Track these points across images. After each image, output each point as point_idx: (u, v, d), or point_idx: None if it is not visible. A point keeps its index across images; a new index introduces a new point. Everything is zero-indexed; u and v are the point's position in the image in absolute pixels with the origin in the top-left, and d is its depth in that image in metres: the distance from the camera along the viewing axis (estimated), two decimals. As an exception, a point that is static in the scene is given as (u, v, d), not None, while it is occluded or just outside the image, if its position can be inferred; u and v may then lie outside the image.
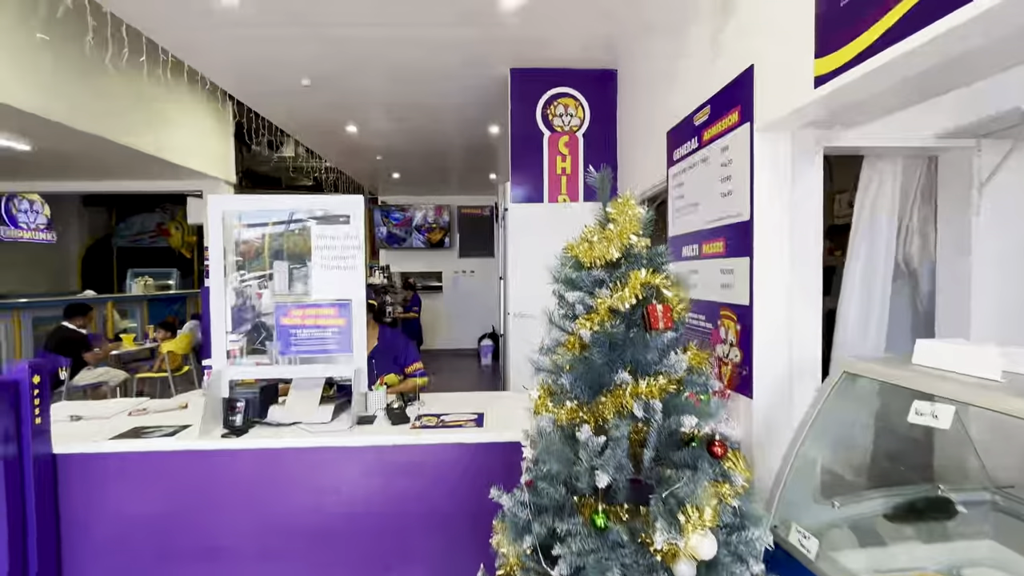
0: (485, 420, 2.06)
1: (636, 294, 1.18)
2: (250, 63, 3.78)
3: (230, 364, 2.05)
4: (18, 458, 1.74)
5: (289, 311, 2.06)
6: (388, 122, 5.25)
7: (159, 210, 13.00)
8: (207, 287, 6.21)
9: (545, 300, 3.86)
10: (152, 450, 1.84)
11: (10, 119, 4.10)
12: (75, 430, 1.99)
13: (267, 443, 1.86)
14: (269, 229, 2.09)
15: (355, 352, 2.08)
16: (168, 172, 6.28)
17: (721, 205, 2.07)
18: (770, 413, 1.82)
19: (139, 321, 8.80)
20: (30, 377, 1.73)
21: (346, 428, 1.94)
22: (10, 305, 6.72)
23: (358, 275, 2.08)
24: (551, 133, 3.79)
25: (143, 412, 2.24)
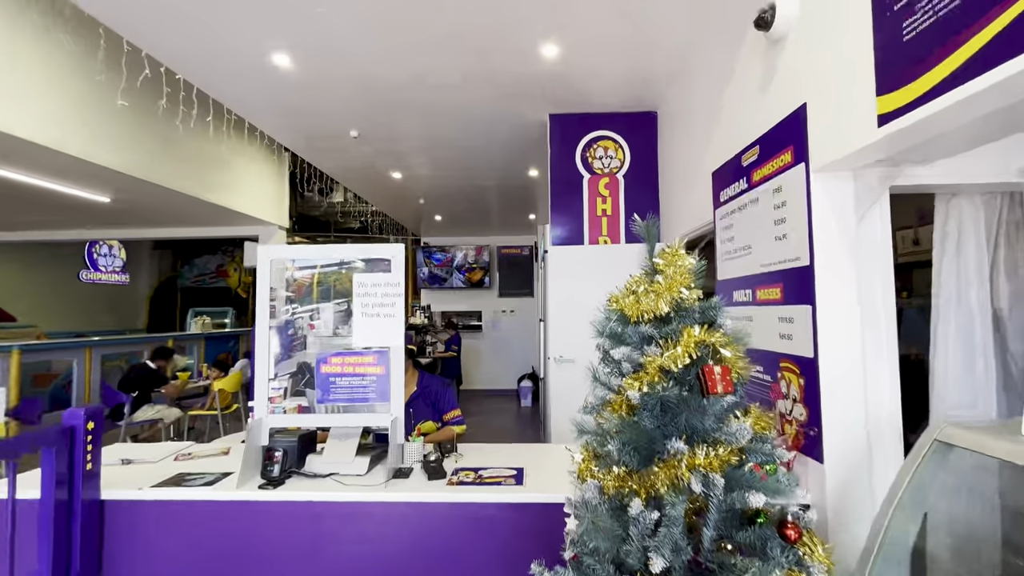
0: (525, 477, 1.95)
1: (690, 353, 1.08)
2: (302, 118, 4.02)
3: (271, 412, 2.05)
4: (68, 501, 1.77)
5: (329, 359, 2.07)
6: (430, 168, 5.43)
7: (220, 252, 13.86)
8: (258, 327, 6.35)
9: (587, 345, 3.72)
10: (192, 499, 1.84)
11: (94, 175, 4.52)
12: (123, 475, 2.03)
13: (302, 495, 1.82)
14: (318, 270, 2.14)
15: (393, 401, 2.04)
16: (229, 219, 6.72)
17: (776, 249, 1.94)
18: (846, 479, 1.61)
19: (195, 358, 9.23)
20: (85, 423, 1.79)
21: (381, 483, 1.88)
22: (84, 343, 7.22)
23: (398, 323, 2.07)
24: (591, 175, 3.78)
25: (188, 457, 2.27)
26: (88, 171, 4.36)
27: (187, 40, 2.85)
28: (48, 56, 3.62)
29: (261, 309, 2.09)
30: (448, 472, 1.99)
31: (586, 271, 3.62)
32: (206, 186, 5.59)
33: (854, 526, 1.60)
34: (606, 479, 1.20)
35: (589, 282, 3.60)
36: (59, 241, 8.67)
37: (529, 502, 1.79)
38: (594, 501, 1.12)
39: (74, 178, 4.72)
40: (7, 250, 9.81)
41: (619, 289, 1.36)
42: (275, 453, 1.89)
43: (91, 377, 7.01)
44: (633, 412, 1.16)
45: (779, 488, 1.03)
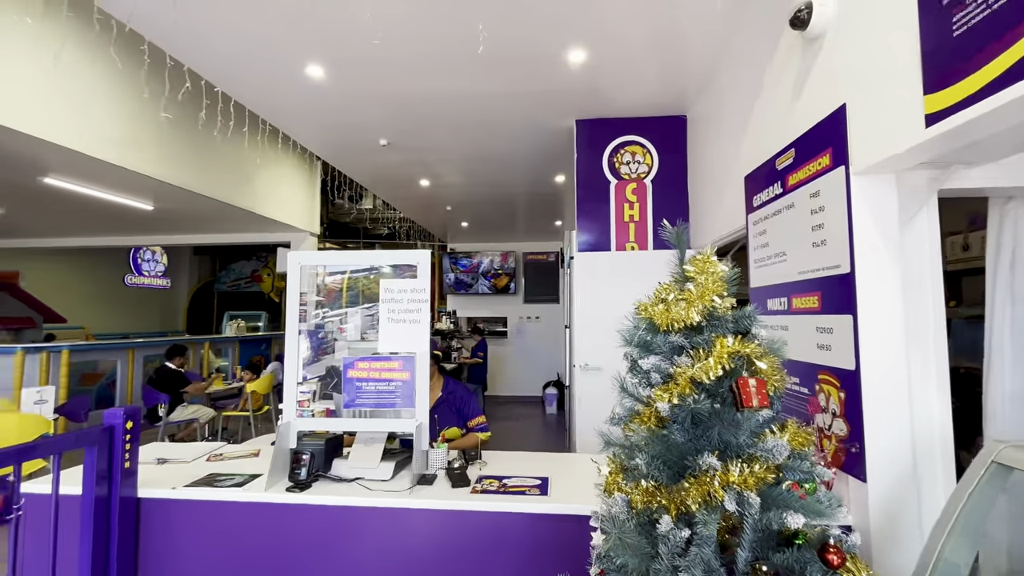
0: (550, 487, 1.92)
1: (723, 364, 1.04)
2: (334, 128, 4.12)
3: (299, 415, 2.09)
4: (107, 498, 1.84)
5: (356, 364, 2.09)
6: (457, 175, 5.48)
7: (254, 258, 14.32)
8: (289, 331, 6.47)
9: (614, 353, 3.64)
10: (222, 500, 1.88)
11: (140, 185, 4.74)
12: (159, 474, 2.09)
13: (328, 500, 1.83)
14: (348, 275, 2.17)
15: (418, 407, 2.04)
16: (264, 225, 6.93)
17: (813, 256, 1.86)
18: (891, 500, 1.52)
19: (230, 360, 9.53)
20: (124, 423, 1.85)
21: (406, 489, 1.88)
22: (127, 344, 7.55)
23: (423, 329, 2.07)
24: (618, 181, 3.73)
25: (220, 457, 2.33)
26: (134, 181, 4.58)
27: (226, 54, 2.97)
28: (101, 76, 3.82)
29: (291, 313, 2.13)
30: (472, 480, 1.97)
31: (613, 278, 3.57)
32: (242, 194, 5.79)
33: (900, 552, 1.51)
34: (633, 493, 1.16)
35: (616, 289, 3.55)
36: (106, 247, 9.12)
37: (554, 513, 1.76)
38: (621, 516, 1.08)
39: (121, 188, 4.96)
40: (59, 255, 10.39)
41: (648, 297, 1.32)
42: (302, 456, 1.92)
43: (133, 377, 7.32)
44: (662, 424, 1.12)
45: (820, 509, 0.97)
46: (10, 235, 7.82)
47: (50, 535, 1.65)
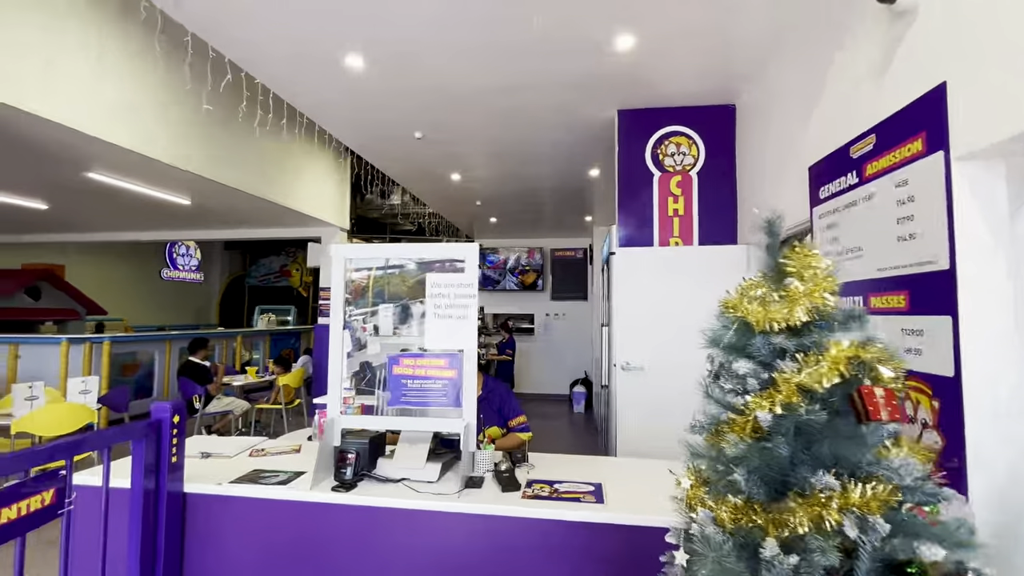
0: (604, 493, 1.81)
1: (840, 370, 0.91)
2: (369, 120, 4.08)
3: (342, 412, 2.03)
4: (155, 491, 1.81)
5: (401, 360, 2.02)
6: (489, 169, 5.39)
7: (283, 253, 14.55)
8: (320, 324, 6.64)
9: (657, 351, 3.56)
10: (267, 497, 1.84)
11: (178, 179, 4.80)
12: (203, 468, 2.07)
13: (375, 501, 1.77)
14: (373, 271, 2.10)
15: (465, 406, 1.96)
16: (295, 220, 6.98)
17: (899, 251, 1.70)
18: (1003, 525, 1.36)
19: (261, 353, 9.70)
20: (171, 417, 1.82)
21: (454, 492, 1.80)
22: (164, 336, 7.73)
23: (470, 325, 1.99)
24: (661, 173, 3.58)
25: (262, 453, 2.30)
26: (174, 176, 4.64)
27: (267, 44, 2.94)
28: (146, 70, 3.86)
29: (335, 307, 2.07)
30: (522, 484, 1.88)
31: (656, 274, 3.43)
32: (276, 189, 5.82)
33: (1012, 580, 1.35)
34: (720, 510, 1.05)
35: (659, 286, 3.41)
36: (143, 241, 9.37)
37: (612, 523, 1.65)
38: (717, 537, 0.97)
39: (161, 183, 5.04)
40: (100, 249, 10.73)
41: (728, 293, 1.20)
42: (348, 455, 1.86)
43: (170, 368, 7.50)
44: (759, 435, 1.00)
45: (959, 538, 0.84)
46: (55, 230, 8.09)
47: (100, 528, 1.63)
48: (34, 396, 4.08)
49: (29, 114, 3.11)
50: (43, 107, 3.17)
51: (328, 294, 7.59)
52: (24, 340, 6.77)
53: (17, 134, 3.57)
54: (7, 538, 1.32)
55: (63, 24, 3.23)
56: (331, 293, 2.09)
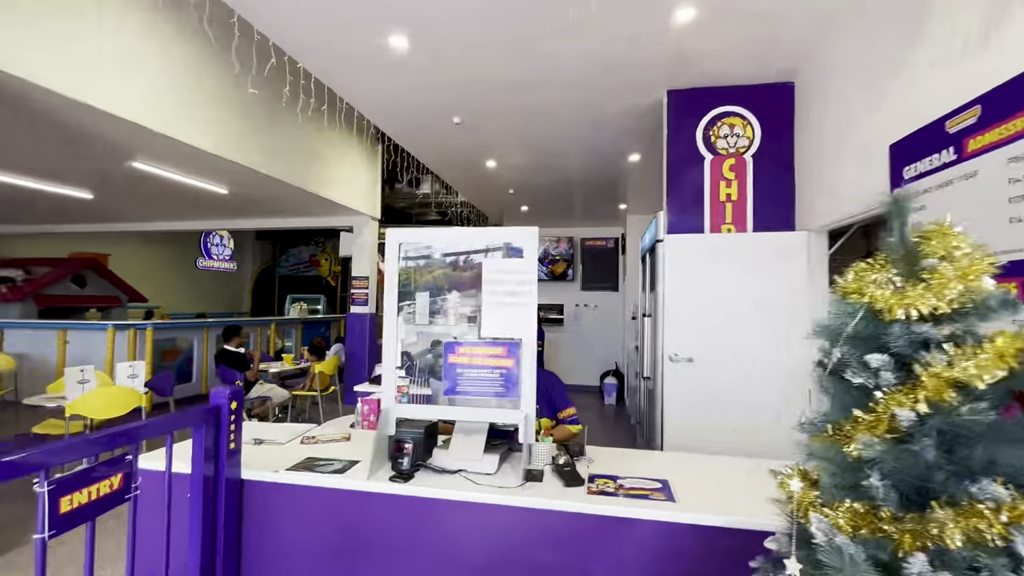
0: (673, 490, 1.72)
1: (1009, 363, 0.79)
2: (409, 105, 4.01)
3: (397, 401, 1.98)
4: (214, 478, 1.80)
5: (457, 348, 1.95)
6: (525, 155, 5.28)
7: (312, 243, 14.77)
8: (352, 313, 6.67)
9: (709, 342, 3.38)
10: (324, 486, 1.80)
11: (217, 167, 4.84)
12: (258, 455, 2.05)
13: (434, 492, 1.72)
14: (409, 263, 2.03)
15: (523, 397, 1.89)
16: (328, 209, 7.01)
17: (1012, 233, 1.54)
18: None
19: (294, 341, 9.88)
20: (229, 403, 1.80)
21: (515, 485, 1.73)
22: (202, 323, 7.92)
23: (529, 313, 1.90)
24: (714, 156, 3.41)
25: (313, 440, 2.28)
26: (213, 164, 4.68)
27: (309, 25, 2.88)
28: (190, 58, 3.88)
29: (389, 292, 2.02)
30: (584, 479, 1.80)
31: (707, 262, 3.28)
32: (310, 178, 5.84)
33: None
34: (836, 516, 0.95)
35: (711, 274, 3.27)
36: (180, 231, 9.60)
37: (688, 523, 1.56)
38: (849, 549, 0.87)
39: (201, 171, 5.09)
40: (140, 239, 11.06)
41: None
42: (405, 445, 1.81)
43: (207, 355, 7.68)
44: (897, 437, 0.89)
45: None
46: (99, 220, 8.34)
47: (161, 513, 1.62)
48: (86, 379, 4.20)
49: (80, 103, 3.15)
50: (93, 95, 3.20)
51: (361, 283, 7.66)
52: (72, 326, 7.02)
53: (68, 123, 3.63)
54: (78, 522, 1.31)
55: (112, 12, 3.24)
56: (385, 278, 2.04)
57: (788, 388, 3.06)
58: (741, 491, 1.76)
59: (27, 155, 4.68)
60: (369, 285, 7.47)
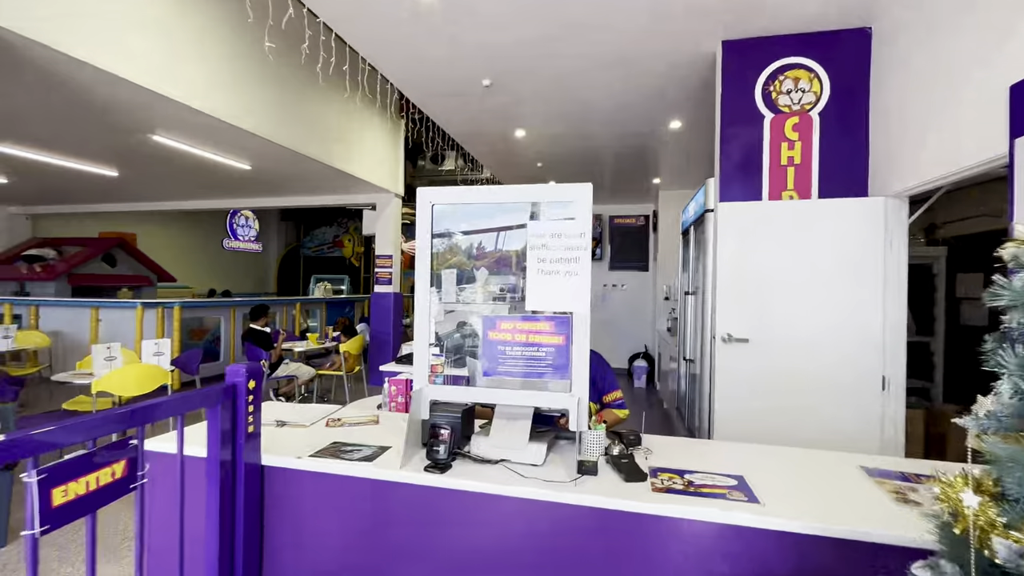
0: (753, 489, 1.47)
1: None
2: (436, 63, 3.73)
3: (431, 382, 1.77)
4: (232, 463, 1.63)
5: (497, 324, 1.72)
6: (556, 124, 4.95)
7: (336, 224, 14.76)
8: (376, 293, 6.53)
9: (767, 321, 3.00)
10: (352, 475, 1.62)
11: (238, 141, 4.68)
12: (280, 438, 1.89)
13: (476, 486, 1.51)
14: (438, 241, 1.80)
15: (575, 378, 1.65)
16: (351, 186, 6.83)
17: None
18: None
19: (319, 321, 9.87)
20: (247, 382, 1.62)
21: (568, 479, 1.51)
22: (229, 303, 7.92)
23: (582, 283, 1.65)
24: (774, 115, 3.05)
25: (339, 423, 2.10)
26: (235, 138, 4.52)
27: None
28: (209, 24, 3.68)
29: (421, 262, 1.79)
30: (647, 473, 1.57)
31: (765, 233, 2.96)
32: (333, 152, 5.65)
33: None
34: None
35: (770, 247, 2.96)
36: (204, 210, 9.59)
37: (776, 529, 1.31)
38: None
39: (223, 146, 4.94)
40: (167, 219, 11.15)
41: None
42: (442, 431, 1.60)
43: (235, 334, 7.69)
44: None
45: None
46: (126, 198, 8.37)
47: (174, 499, 1.46)
48: (112, 356, 4.16)
49: (98, 69, 3.00)
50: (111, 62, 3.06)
51: (385, 262, 7.50)
52: (103, 304, 7.08)
53: (86, 92, 3.49)
54: (77, 515, 1.14)
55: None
56: (416, 244, 1.81)
57: (858, 373, 2.75)
58: (832, 491, 1.50)
59: (49, 128, 4.60)
60: (393, 264, 7.31)
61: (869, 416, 2.72)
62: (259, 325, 5.74)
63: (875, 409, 2.72)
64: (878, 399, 2.72)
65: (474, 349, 1.79)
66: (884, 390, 2.72)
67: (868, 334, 2.74)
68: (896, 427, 2.71)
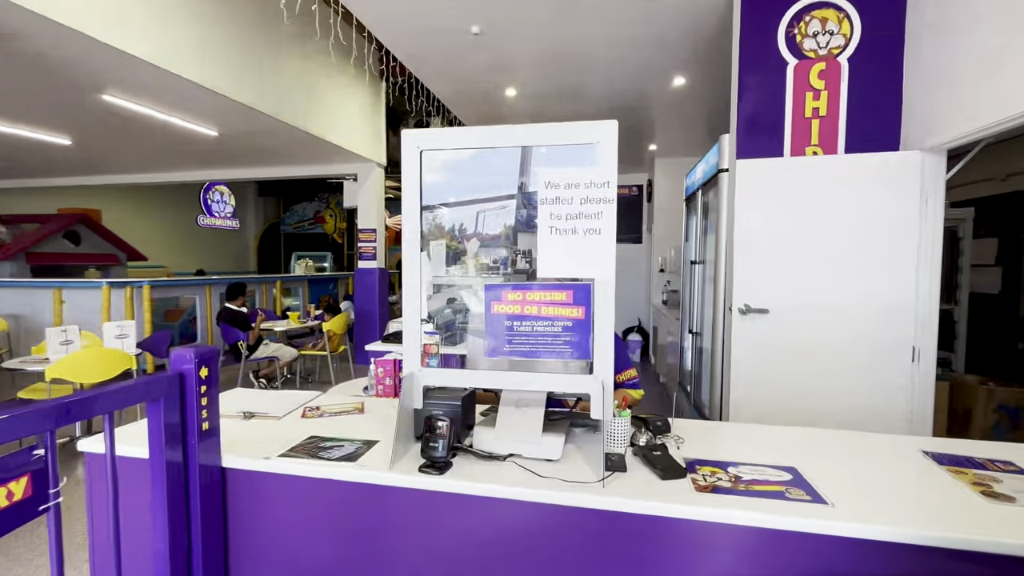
0: (813, 485, 1.23)
1: None
2: (419, 10, 3.33)
3: (424, 364, 1.49)
4: (183, 465, 1.34)
5: (503, 295, 1.44)
6: (549, 82, 4.57)
7: (317, 199, 14.21)
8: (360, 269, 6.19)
9: (789, 289, 2.76)
10: (334, 478, 1.34)
11: (204, 104, 4.22)
12: (245, 433, 1.60)
13: (484, 489, 1.24)
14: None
15: (598, 358, 1.38)
16: (329, 155, 6.39)
17: None
18: None
19: (300, 300, 9.49)
20: (197, 370, 1.32)
21: (595, 479, 1.26)
22: (204, 281, 7.50)
23: (606, 243, 1.37)
24: (799, 61, 2.75)
25: (317, 412, 1.81)
26: (196, 98, 4.07)
27: None
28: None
29: (409, 224, 1.48)
30: (684, 467, 1.32)
31: (789, 193, 2.69)
32: (307, 118, 5.20)
33: None
34: None
35: (792, 207, 2.70)
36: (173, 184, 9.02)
37: (853, 537, 1.07)
38: None
39: (183, 108, 4.48)
40: (136, 194, 10.52)
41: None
42: (439, 423, 1.33)
43: (212, 313, 7.30)
44: None
45: None
46: (85, 171, 7.79)
47: (108, 515, 1.18)
48: (68, 340, 3.80)
49: (34, 14, 2.57)
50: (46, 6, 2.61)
51: (368, 236, 7.12)
52: (66, 284, 6.60)
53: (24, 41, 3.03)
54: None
55: None
56: (403, 195, 1.50)
57: (888, 344, 2.54)
58: (904, 484, 1.28)
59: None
60: (377, 238, 6.94)
61: (898, 390, 2.53)
62: (235, 305, 5.38)
63: (904, 382, 2.53)
64: (908, 372, 2.52)
65: (465, 326, 1.55)
66: (914, 362, 2.52)
67: (900, 301, 2.52)
68: (926, 401, 2.52)
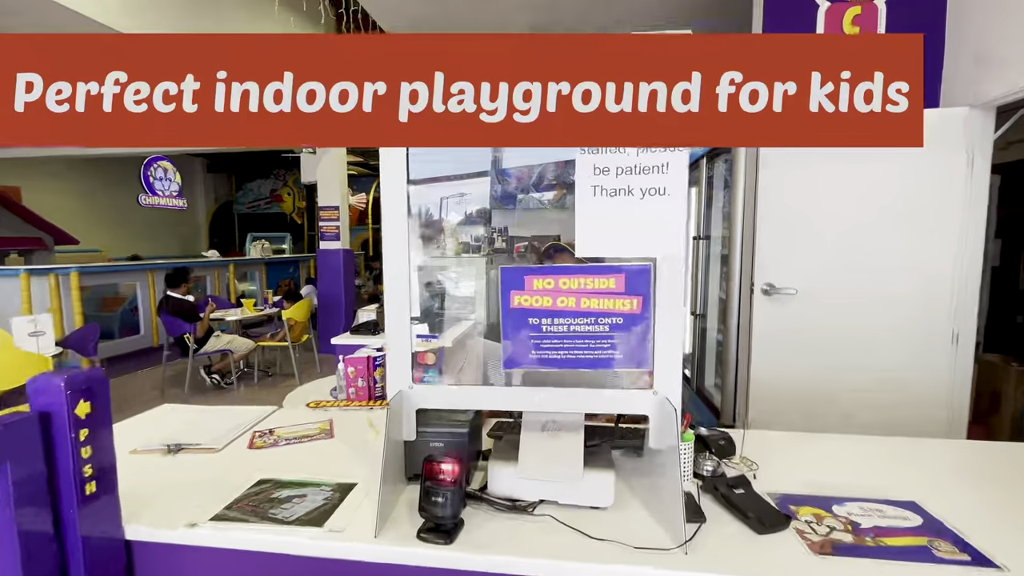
0: (952, 527, 0.91)
1: None
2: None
3: (417, 380, 1.08)
4: (58, 543, 0.90)
5: (527, 282, 1.03)
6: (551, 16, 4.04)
7: (272, 176, 13.27)
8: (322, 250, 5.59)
9: (817, 268, 2.43)
10: (293, 553, 0.93)
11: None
12: (169, 478, 1.16)
13: (517, 564, 0.86)
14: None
15: (660, 367, 1.01)
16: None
17: None
18: None
19: (258, 284, 8.78)
20: (71, 406, 0.86)
21: (673, 545, 0.89)
22: (144, 267, 6.74)
23: (674, 207, 0.98)
24: (831, 3, 2.40)
25: (270, 439, 1.38)
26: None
27: None
28: None
29: (392, 176, 1.05)
30: (780, 512, 0.98)
31: (817, 158, 2.37)
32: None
33: None
34: None
35: (817, 173, 2.39)
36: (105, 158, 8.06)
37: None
38: None
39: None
40: (63, 170, 9.40)
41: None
42: (443, 468, 0.92)
43: (154, 301, 6.57)
44: None
45: None
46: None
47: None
48: (-35, 342, 3.16)
49: None
50: None
51: (330, 214, 6.52)
52: (-26, 273, 5.75)
53: None
54: None
55: None
56: (381, 163, 1.07)
57: (928, 326, 2.30)
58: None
59: None
60: (340, 216, 6.35)
61: (937, 375, 2.29)
62: (179, 293, 4.75)
63: (944, 366, 2.29)
64: (948, 355, 2.29)
65: (442, 312, 1.29)
66: (953, 344, 2.29)
67: (941, 277, 2.27)
68: (964, 386, 2.30)
